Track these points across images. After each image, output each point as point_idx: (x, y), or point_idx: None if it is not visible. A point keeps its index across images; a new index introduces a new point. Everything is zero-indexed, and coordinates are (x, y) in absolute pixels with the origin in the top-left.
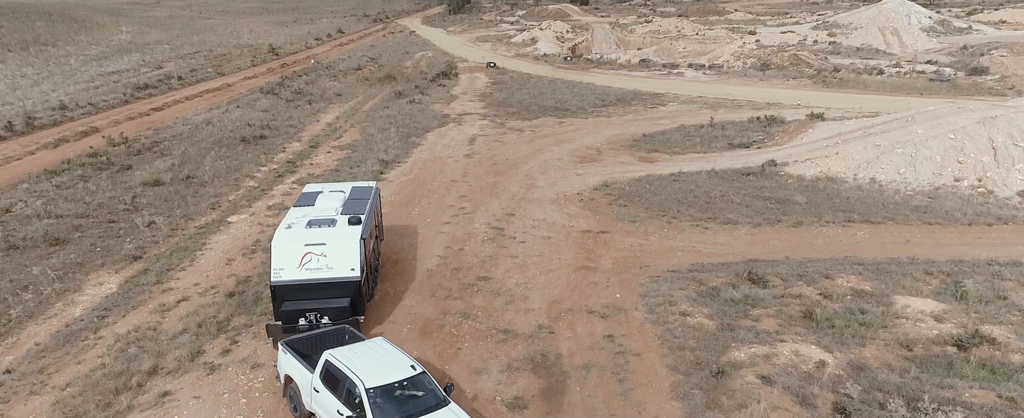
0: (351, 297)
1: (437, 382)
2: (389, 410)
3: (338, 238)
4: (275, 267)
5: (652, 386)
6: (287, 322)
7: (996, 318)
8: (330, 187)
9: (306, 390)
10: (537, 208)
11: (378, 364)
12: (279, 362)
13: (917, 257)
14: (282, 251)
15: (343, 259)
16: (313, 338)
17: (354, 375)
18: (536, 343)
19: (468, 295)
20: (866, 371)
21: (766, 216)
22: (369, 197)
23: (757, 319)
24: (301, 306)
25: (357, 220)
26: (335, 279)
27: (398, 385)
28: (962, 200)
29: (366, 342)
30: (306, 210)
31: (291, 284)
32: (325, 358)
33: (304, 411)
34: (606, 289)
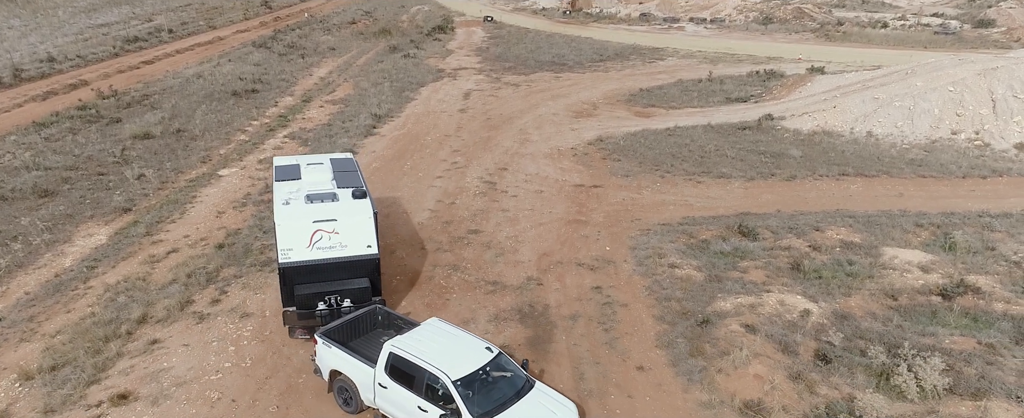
0: (370, 276)
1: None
2: (482, 401)
3: (349, 213)
4: (282, 247)
5: (638, 335)
6: (303, 307)
7: (982, 268)
8: (306, 159)
9: (366, 385)
10: (530, 162)
11: (453, 352)
12: (319, 356)
13: (909, 210)
14: (289, 229)
15: (358, 236)
16: (347, 324)
17: (433, 368)
18: (524, 294)
19: (458, 248)
20: (850, 320)
21: (760, 170)
22: (356, 168)
23: (745, 271)
24: (315, 289)
25: (362, 193)
26: (351, 258)
27: (482, 371)
28: (958, 153)
29: (424, 327)
30: (296, 184)
31: (302, 265)
32: (389, 351)
33: (360, 406)
34: (596, 242)
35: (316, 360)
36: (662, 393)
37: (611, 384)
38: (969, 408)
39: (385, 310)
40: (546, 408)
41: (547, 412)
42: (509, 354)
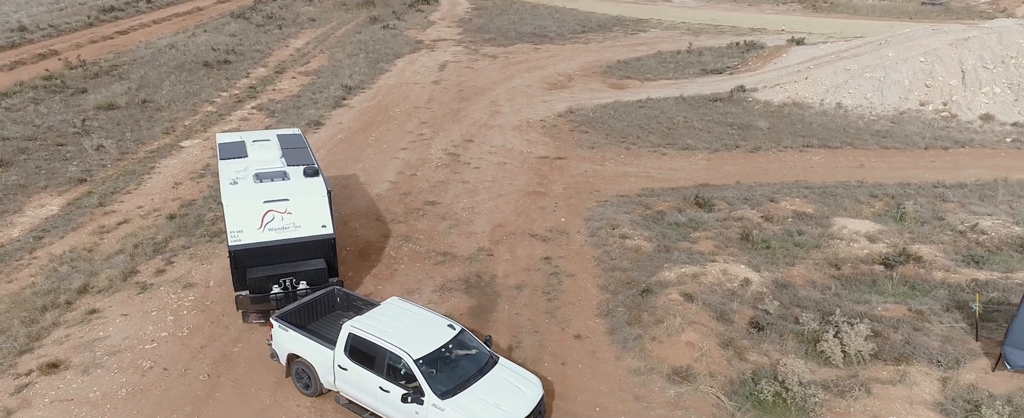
0: (326, 257)
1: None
2: (445, 378)
3: (302, 193)
4: (232, 229)
5: (580, 305)
6: (256, 291)
7: (928, 238)
8: (251, 136)
9: (326, 368)
10: (497, 134)
11: (414, 330)
12: (275, 340)
13: (867, 181)
14: (238, 210)
15: (311, 216)
16: (304, 306)
17: (394, 347)
18: (473, 265)
19: (413, 219)
20: (789, 289)
21: (725, 142)
22: (306, 145)
23: (695, 241)
24: (268, 272)
25: (314, 171)
26: (305, 238)
27: (444, 349)
28: (924, 124)
29: (385, 306)
30: (243, 163)
31: (254, 248)
32: (349, 332)
33: (319, 389)
34: (553, 213)
35: (272, 344)
36: (595, 361)
37: (546, 352)
38: (890, 372)
39: (343, 291)
40: (510, 383)
41: (511, 387)
42: (474, 329)
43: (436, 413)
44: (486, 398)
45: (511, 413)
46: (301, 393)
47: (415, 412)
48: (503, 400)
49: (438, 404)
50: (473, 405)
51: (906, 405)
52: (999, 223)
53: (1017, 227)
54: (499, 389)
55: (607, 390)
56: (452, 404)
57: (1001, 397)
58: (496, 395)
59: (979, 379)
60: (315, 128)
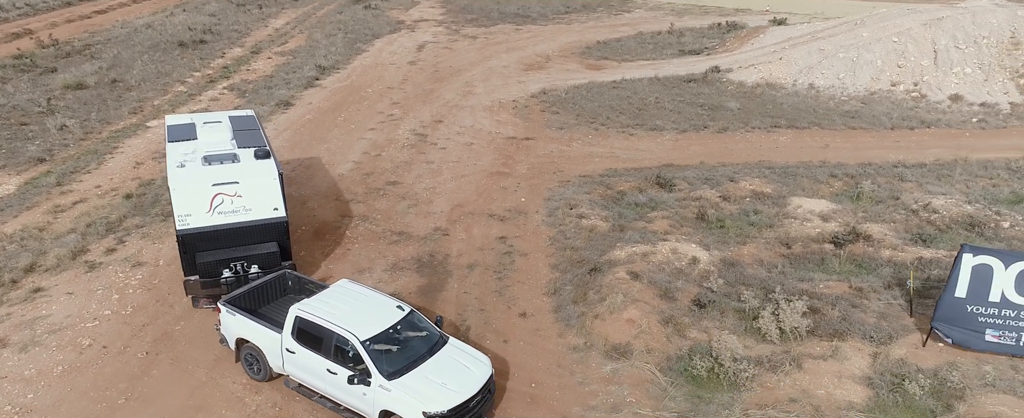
0: (278, 241)
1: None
2: (393, 360)
3: (252, 175)
4: (179, 213)
5: (529, 284)
6: (207, 275)
7: (881, 217)
8: (202, 117)
9: (274, 352)
10: (468, 115)
11: (361, 311)
12: (224, 325)
13: (829, 161)
14: (185, 193)
15: (262, 198)
16: (254, 290)
17: (341, 329)
18: (428, 245)
19: (372, 199)
20: (737, 267)
21: (694, 123)
22: (258, 127)
23: (651, 221)
24: (219, 256)
25: (265, 153)
26: (256, 222)
27: (392, 330)
28: (893, 105)
29: (333, 289)
30: (191, 145)
31: (202, 232)
32: (295, 314)
33: (269, 373)
34: (514, 194)
35: (220, 329)
36: (538, 338)
37: (490, 329)
38: (823, 348)
39: (295, 275)
40: (458, 362)
41: (459, 366)
42: (421, 309)
43: (383, 394)
44: (433, 378)
45: (458, 392)
46: (251, 378)
47: (362, 393)
48: (450, 379)
49: (384, 385)
50: (419, 385)
51: (835, 379)
52: (952, 202)
53: (969, 206)
54: (447, 368)
55: (545, 366)
56: (398, 384)
57: (927, 371)
58: (444, 374)
59: (909, 354)
60: (284, 109)
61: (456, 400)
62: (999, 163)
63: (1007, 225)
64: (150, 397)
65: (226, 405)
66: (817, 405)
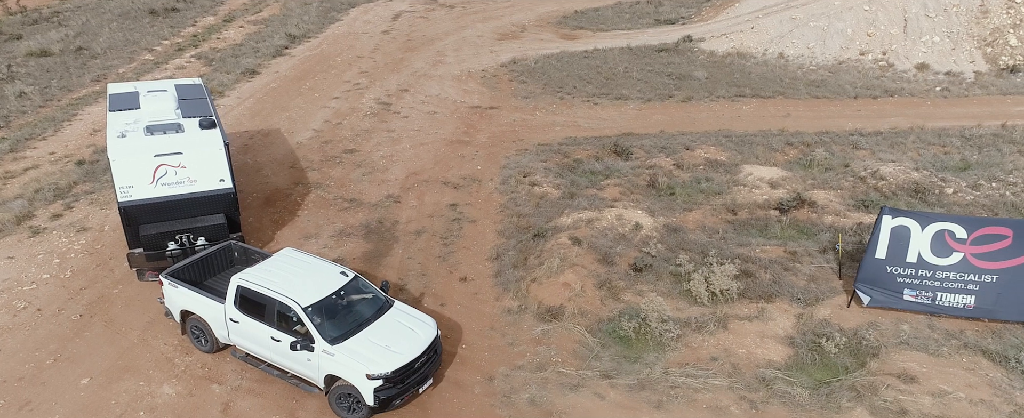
0: (226, 213)
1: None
2: (336, 325)
3: (196, 146)
4: (120, 185)
5: (474, 249)
6: (151, 248)
7: (829, 184)
8: (147, 86)
9: (218, 322)
10: (435, 84)
11: (303, 279)
12: (167, 297)
13: (788, 129)
14: (126, 165)
15: (207, 169)
16: (198, 263)
17: (283, 296)
18: (378, 211)
19: (328, 167)
20: (680, 233)
21: (660, 92)
22: (205, 95)
23: (603, 188)
24: (164, 229)
25: (210, 123)
26: (201, 193)
27: (335, 296)
28: (860, 74)
29: (276, 257)
30: (133, 115)
31: (145, 204)
32: (236, 284)
33: (215, 345)
34: (471, 162)
35: (165, 302)
36: (475, 301)
37: (429, 293)
38: (751, 309)
39: (241, 246)
40: (403, 325)
41: (404, 329)
42: (366, 274)
43: (326, 359)
44: (377, 341)
45: (401, 353)
46: (199, 350)
47: (307, 359)
48: (395, 342)
49: (328, 349)
50: (362, 348)
51: (757, 339)
52: (900, 169)
53: (916, 173)
54: (391, 332)
55: (478, 329)
56: (341, 349)
57: (848, 331)
58: (388, 337)
59: (833, 315)
60: (250, 77)
61: (399, 362)
62: (954, 131)
63: (951, 191)
64: (79, 358)
65: (154, 366)
66: (736, 363)
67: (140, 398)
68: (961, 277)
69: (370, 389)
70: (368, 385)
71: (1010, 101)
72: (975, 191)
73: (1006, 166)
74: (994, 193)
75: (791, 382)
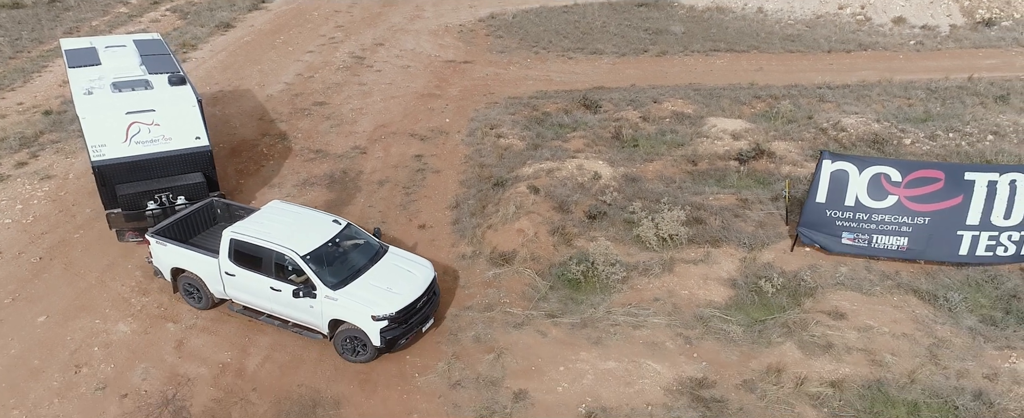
0: (203, 171)
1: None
2: (335, 271)
3: (168, 103)
4: (93, 143)
5: (434, 198)
6: (129, 208)
7: (790, 135)
8: (104, 41)
9: (213, 277)
10: (411, 39)
11: (297, 228)
12: (155, 256)
13: (758, 83)
14: (97, 123)
15: (182, 127)
16: (183, 221)
17: (280, 246)
18: (343, 162)
19: (296, 119)
20: (638, 182)
21: (635, 47)
22: (168, 51)
23: (568, 140)
24: (141, 188)
25: (181, 79)
26: (177, 151)
27: (331, 243)
28: (837, 28)
29: (265, 210)
30: (95, 71)
31: (119, 163)
32: (230, 237)
33: (211, 300)
34: (440, 115)
35: (153, 262)
36: (432, 248)
37: (388, 240)
38: (697, 253)
39: (224, 202)
40: (401, 268)
41: (402, 272)
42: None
43: (329, 304)
44: (377, 284)
45: (402, 294)
46: (193, 307)
47: (309, 306)
48: (395, 284)
49: (331, 295)
50: (364, 291)
51: (701, 281)
52: (861, 121)
53: (876, 124)
54: (390, 274)
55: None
56: (344, 293)
57: (788, 273)
58: (388, 280)
59: (776, 258)
60: (224, 30)
61: (402, 302)
62: (920, 84)
63: (909, 141)
64: (37, 298)
65: (111, 305)
66: (677, 304)
67: (95, 335)
68: (895, 220)
69: (376, 330)
70: (374, 326)
71: (981, 54)
72: (932, 141)
73: (965, 117)
74: (950, 143)
75: (727, 320)
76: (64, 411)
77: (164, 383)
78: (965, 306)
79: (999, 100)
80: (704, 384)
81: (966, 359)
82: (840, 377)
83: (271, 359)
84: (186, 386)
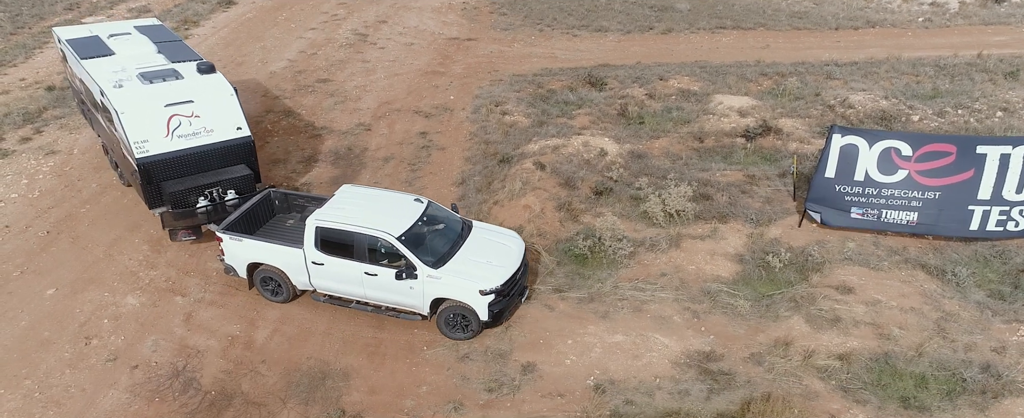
0: (246, 162)
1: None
2: (430, 249)
3: (205, 92)
4: (135, 140)
5: (440, 175)
6: (179, 206)
7: (797, 112)
8: (103, 29)
9: (297, 268)
10: (414, 16)
11: (382, 210)
12: (228, 252)
13: (764, 60)
14: (138, 117)
15: (222, 117)
16: (245, 215)
17: (372, 230)
18: (347, 139)
19: (301, 96)
20: (644, 159)
21: (640, 24)
22: (178, 37)
23: (573, 117)
24: (189, 184)
25: (210, 67)
26: (220, 143)
27: (420, 222)
28: (844, 4)
29: (340, 195)
30: (114, 61)
31: (164, 158)
32: (315, 225)
33: (292, 293)
34: (444, 92)
35: (224, 259)
36: None
37: None
38: (704, 229)
39: (281, 192)
40: (493, 241)
41: (496, 245)
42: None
43: (433, 283)
44: (476, 258)
45: (505, 266)
46: (271, 300)
47: (409, 287)
48: (493, 257)
49: (433, 274)
50: (466, 267)
51: (707, 256)
52: (869, 97)
53: (884, 101)
54: (485, 248)
55: None
56: (446, 271)
57: (796, 249)
58: (485, 254)
59: (784, 234)
60: (226, 7)
61: (505, 274)
62: (929, 60)
63: (917, 118)
64: (45, 271)
65: (119, 279)
66: (684, 278)
67: (104, 307)
68: (905, 194)
69: (484, 304)
70: (482, 301)
71: (990, 31)
72: (940, 118)
73: (974, 94)
74: (958, 120)
75: (734, 295)
76: (75, 381)
77: (174, 355)
78: (973, 281)
79: (1009, 76)
80: (711, 357)
81: (974, 332)
82: (847, 350)
83: (280, 332)
84: (196, 358)
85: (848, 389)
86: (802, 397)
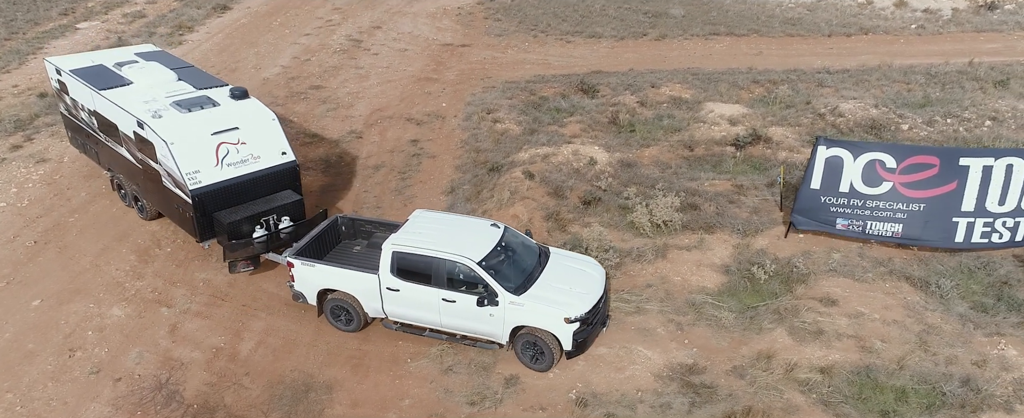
0: (292, 187)
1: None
2: (510, 275)
3: (247, 118)
4: (187, 170)
5: (430, 183)
6: (235, 236)
7: (787, 120)
8: (107, 58)
9: (371, 294)
10: (408, 21)
11: (459, 235)
12: (299, 279)
13: (757, 67)
14: (188, 147)
15: (267, 143)
16: (313, 241)
17: (451, 255)
18: (339, 146)
19: (292, 102)
20: (634, 168)
21: (634, 30)
22: (187, 63)
23: (564, 125)
24: (243, 213)
25: (244, 92)
26: (268, 169)
27: (499, 248)
28: (838, 11)
29: (414, 220)
30: (139, 90)
31: (217, 188)
32: (392, 250)
33: (364, 320)
34: (436, 99)
35: (294, 286)
36: None
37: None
38: (691, 239)
39: (348, 218)
40: (573, 268)
41: (576, 270)
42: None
43: (514, 310)
44: (558, 285)
45: (588, 293)
46: (341, 330)
47: (489, 314)
48: (575, 284)
49: (515, 301)
50: (549, 293)
51: (693, 267)
52: (859, 106)
53: (875, 109)
54: (566, 275)
55: None
56: (528, 297)
57: (782, 259)
58: (566, 281)
59: (770, 244)
60: (221, 12)
61: (590, 302)
62: (920, 68)
63: (906, 127)
64: (31, 281)
65: (105, 289)
66: (670, 290)
67: (89, 319)
68: (890, 206)
69: (569, 333)
70: (567, 329)
71: (982, 38)
72: (930, 127)
73: (964, 102)
74: (948, 129)
75: (719, 307)
76: (58, 394)
77: (158, 367)
78: (957, 293)
79: (999, 85)
80: (694, 370)
81: (955, 346)
82: (829, 363)
83: (264, 344)
84: (180, 370)
85: (829, 402)
86: (783, 411)
